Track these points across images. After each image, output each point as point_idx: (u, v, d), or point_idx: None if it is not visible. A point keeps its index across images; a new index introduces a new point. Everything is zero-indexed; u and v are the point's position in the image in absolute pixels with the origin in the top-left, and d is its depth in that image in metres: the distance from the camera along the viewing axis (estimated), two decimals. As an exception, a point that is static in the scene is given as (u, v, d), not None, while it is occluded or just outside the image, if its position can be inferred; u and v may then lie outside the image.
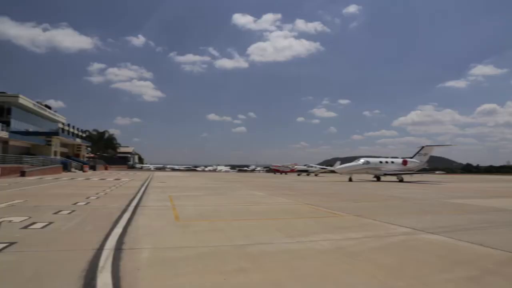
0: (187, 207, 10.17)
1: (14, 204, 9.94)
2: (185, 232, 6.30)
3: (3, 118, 47.13)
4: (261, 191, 17.82)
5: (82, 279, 3.57)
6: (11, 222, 6.91)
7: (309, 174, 60.83)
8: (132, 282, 3.53)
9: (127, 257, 4.47)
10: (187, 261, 4.34)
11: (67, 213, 8.29)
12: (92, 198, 12.20)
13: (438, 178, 47.08)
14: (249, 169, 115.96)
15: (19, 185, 18.79)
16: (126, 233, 6.07)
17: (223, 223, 7.37)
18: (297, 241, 5.60)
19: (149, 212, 9.03)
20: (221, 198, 13.61)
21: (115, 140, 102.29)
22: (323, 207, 10.58)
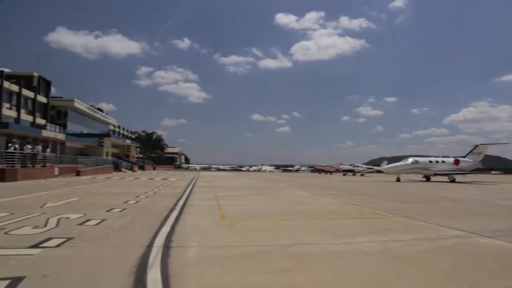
0: (232, 207, 10.31)
1: (71, 202, 10.53)
2: (230, 231, 6.39)
3: (60, 121, 50.19)
4: (305, 191, 17.71)
5: (134, 275, 3.72)
6: (69, 218, 7.34)
7: (355, 174, 59.68)
8: (180, 279, 3.63)
9: (175, 254, 4.60)
10: (233, 260, 4.40)
11: (119, 211, 8.67)
12: (141, 197, 12.68)
13: (494, 179, 44.54)
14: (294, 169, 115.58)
15: (74, 184, 19.90)
16: (174, 231, 6.25)
17: (268, 223, 7.40)
18: (342, 242, 5.52)
19: (195, 211, 9.25)
20: (265, 198, 13.67)
21: (163, 140, 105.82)
22: (369, 208, 10.34)
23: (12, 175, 21.94)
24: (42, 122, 45.67)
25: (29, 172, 24.33)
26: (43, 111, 48.42)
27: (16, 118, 41.10)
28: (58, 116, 52.19)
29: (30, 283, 3.39)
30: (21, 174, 22.86)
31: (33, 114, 45.28)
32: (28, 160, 25.78)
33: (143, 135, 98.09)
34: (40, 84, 47.19)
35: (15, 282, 3.37)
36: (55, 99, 51.97)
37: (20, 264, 4.05)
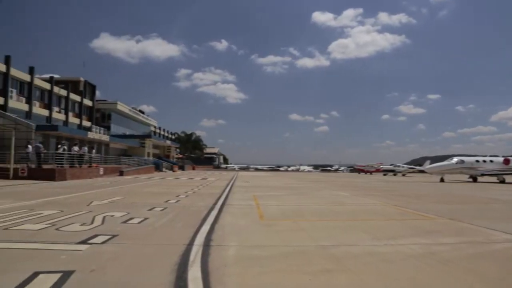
0: (270, 207, 10.32)
1: (115, 201, 10.94)
2: (269, 231, 6.40)
3: (104, 123, 52.36)
4: (345, 191, 17.43)
5: (175, 272, 3.81)
6: (113, 216, 7.62)
7: (395, 174, 58.03)
8: (220, 277, 3.68)
9: (215, 253, 4.67)
10: (272, 260, 4.40)
11: (160, 210, 8.91)
12: (181, 196, 12.96)
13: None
14: (332, 169, 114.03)
15: (118, 184, 20.65)
16: (214, 230, 6.34)
17: (306, 223, 7.35)
18: (384, 244, 5.38)
19: (234, 210, 9.34)
20: (304, 198, 13.58)
21: (202, 141, 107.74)
22: (411, 209, 10.02)
23: (61, 175, 23.11)
24: (88, 124, 47.82)
25: (76, 172, 25.52)
26: (89, 114, 50.69)
27: (64, 120, 43.30)
28: (103, 118, 54.49)
29: (79, 277, 3.55)
30: (69, 173, 24.01)
31: (80, 116, 47.52)
32: (76, 161, 27.05)
33: (183, 136, 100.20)
34: (86, 88, 49.44)
35: (66, 275, 3.56)
36: (100, 102, 54.30)
37: (70, 258, 4.26)
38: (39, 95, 39.72)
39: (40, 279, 3.46)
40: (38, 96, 39.32)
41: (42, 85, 39.77)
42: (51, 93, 40.86)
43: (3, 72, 33.34)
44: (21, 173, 22.93)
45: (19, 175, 22.69)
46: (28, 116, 35.88)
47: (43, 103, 40.10)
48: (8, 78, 33.76)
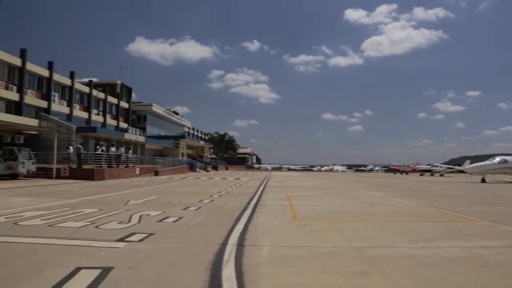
0: (304, 207, 10.25)
1: (151, 200, 11.21)
2: (303, 232, 6.36)
3: (140, 125, 53.80)
4: (380, 191, 17.06)
5: (209, 271, 3.86)
6: (149, 215, 7.82)
7: (433, 174, 56.15)
8: (254, 277, 3.69)
9: (249, 253, 4.68)
10: (306, 260, 4.37)
11: (194, 210, 9.05)
12: (215, 196, 13.11)
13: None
14: (367, 169, 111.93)
15: (153, 183, 21.14)
16: (247, 230, 6.37)
17: (341, 224, 7.24)
18: (421, 246, 5.21)
19: (267, 210, 9.34)
20: (338, 198, 13.41)
21: (235, 141, 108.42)
22: (450, 210, 9.67)
23: (100, 175, 23.95)
24: (124, 125, 49.29)
25: (114, 171, 26.36)
26: (125, 116, 52.24)
27: (102, 122, 44.84)
28: (139, 119, 56.01)
29: (117, 273, 3.67)
30: (107, 173, 24.84)
31: (117, 118, 49.07)
32: (113, 161, 27.94)
33: (216, 136, 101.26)
34: (122, 90, 50.99)
35: (105, 271, 3.69)
36: (136, 104, 55.83)
37: (109, 255, 4.41)
38: (79, 98, 41.36)
39: (82, 274, 3.60)
40: (78, 99, 40.94)
41: (81, 88, 41.40)
42: (90, 96, 42.47)
43: (46, 77, 34.93)
44: (63, 173, 23.97)
45: (61, 175, 23.74)
46: (69, 119, 37.42)
47: (82, 105, 41.74)
48: (51, 83, 35.34)
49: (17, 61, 31.14)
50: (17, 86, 31.19)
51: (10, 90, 30.41)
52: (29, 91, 32.60)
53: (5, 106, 30.36)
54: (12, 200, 10.73)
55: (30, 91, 32.68)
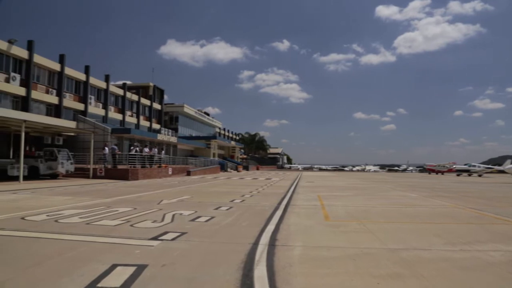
0: (336, 207, 10.13)
1: (183, 200, 11.39)
2: (335, 232, 6.29)
3: (172, 125, 54.86)
4: (414, 192, 16.61)
5: (241, 270, 3.89)
6: (182, 215, 7.95)
7: (471, 175, 54.08)
8: (285, 277, 3.68)
9: (280, 253, 4.68)
10: (338, 261, 4.32)
11: (226, 209, 9.13)
12: (246, 196, 13.18)
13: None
14: (400, 169, 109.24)
15: (186, 183, 21.48)
16: (279, 230, 6.36)
17: (374, 225, 7.10)
18: (459, 249, 5.03)
19: (299, 210, 9.30)
20: (370, 198, 13.16)
21: (265, 141, 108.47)
22: (490, 212, 9.28)
23: (134, 175, 24.58)
24: (157, 126, 50.36)
25: (147, 171, 26.99)
26: (158, 117, 53.38)
27: (136, 124, 46.01)
28: (171, 120, 57.11)
29: (151, 271, 3.76)
30: (141, 173, 25.47)
31: (150, 120, 50.21)
32: (147, 161, 28.62)
33: (247, 136, 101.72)
34: (155, 92, 52.14)
35: (140, 269, 3.80)
36: (168, 105, 56.94)
37: (143, 253, 4.52)
38: (114, 100, 42.62)
39: (118, 271, 3.73)
40: (113, 102, 42.21)
41: (116, 91, 42.66)
42: (124, 98, 43.67)
43: (83, 81, 36.22)
44: (99, 173, 24.78)
45: (97, 175, 24.55)
46: (105, 120, 38.65)
47: (117, 107, 42.98)
48: (87, 86, 36.61)
49: (57, 66, 32.46)
50: (57, 90, 32.51)
51: (50, 94, 31.73)
52: (67, 94, 33.89)
53: (45, 109, 31.73)
54: (52, 198, 11.20)
55: (68, 94, 33.98)
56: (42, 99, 30.87)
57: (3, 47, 26.61)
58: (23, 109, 28.19)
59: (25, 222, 6.77)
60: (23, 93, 28.55)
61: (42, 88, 30.96)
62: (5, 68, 27.32)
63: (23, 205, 9.30)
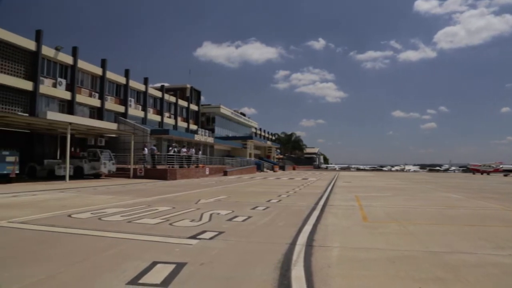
0: (374, 208, 9.91)
1: (220, 199, 11.53)
2: (373, 234, 6.15)
3: (209, 126, 55.72)
4: (457, 193, 15.95)
5: (278, 270, 3.88)
6: (219, 214, 8.05)
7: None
8: (323, 278, 3.64)
9: (318, 253, 4.63)
10: (377, 264, 4.22)
11: (262, 209, 9.15)
12: (283, 196, 13.15)
13: None
14: (442, 169, 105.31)
15: (222, 183, 21.72)
16: (316, 230, 6.30)
17: (414, 227, 6.88)
18: (509, 254, 4.75)
19: (336, 211, 9.17)
20: (410, 199, 12.77)
21: (302, 141, 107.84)
22: (542, 215, 8.76)
23: (172, 174, 25.15)
24: (194, 127, 51.28)
25: (185, 171, 27.53)
26: (195, 118, 54.33)
27: (174, 125, 47.05)
28: (207, 121, 58.02)
29: (190, 269, 3.83)
30: (179, 173, 26.02)
31: (187, 120, 51.20)
32: (184, 161, 29.20)
33: (283, 136, 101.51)
34: (192, 94, 53.13)
35: (179, 267, 3.88)
36: (204, 106, 57.85)
37: (182, 252, 4.61)
38: (153, 102, 43.79)
39: (158, 268, 3.83)
40: (151, 103, 43.37)
41: (154, 93, 43.81)
42: (162, 100, 44.79)
43: (123, 84, 37.47)
44: (139, 172, 25.55)
45: (137, 175, 25.33)
46: (144, 122, 39.79)
47: (156, 109, 44.13)
48: (127, 89, 37.84)
49: (99, 70, 33.77)
50: (99, 93, 33.82)
51: (93, 97, 33.06)
52: (109, 97, 35.16)
53: (89, 111, 33.08)
54: (96, 197, 11.66)
55: (109, 97, 35.25)
56: (86, 102, 32.21)
57: (50, 54, 28.00)
58: (69, 112, 29.53)
59: (72, 220, 7.09)
60: (68, 97, 29.91)
61: (85, 91, 32.31)
62: (52, 74, 28.73)
63: (69, 204, 9.75)
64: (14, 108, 25.13)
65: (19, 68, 25.61)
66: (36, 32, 26.92)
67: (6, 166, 17.45)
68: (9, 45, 24.85)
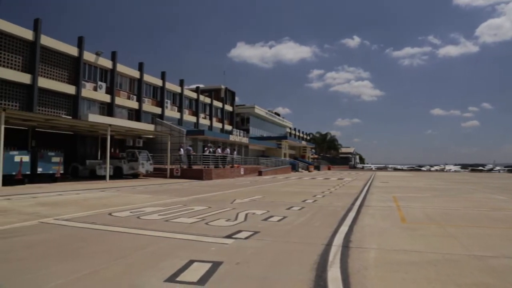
0: (413, 209, 9.63)
1: (255, 199, 11.57)
2: (412, 236, 5.97)
3: (243, 126, 56.09)
4: (503, 194, 15.21)
5: (314, 271, 3.85)
6: (254, 214, 8.09)
7: None
8: (360, 280, 3.57)
9: (354, 255, 4.56)
10: (417, 267, 4.09)
11: (298, 209, 9.11)
12: (318, 196, 13.03)
13: None
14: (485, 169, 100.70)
15: (257, 183, 21.80)
16: (352, 231, 6.21)
17: (456, 229, 6.63)
18: (560, 259, 4.50)
19: (373, 212, 8.99)
20: (451, 200, 12.30)
21: (337, 141, 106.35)
22: None
23: (208, 174, 25.50)
24: (229, 128, 51.80)
25: (220, 171, 27.84)
26: (230, 118, 54.84)
27: (209, 125, 47.71)
28: (242, 121, 58.39)
29: (226, 268, 3.87)
30: (214, 173, 26.35)
31: (222, 121, 51.77)
32: (220, 162, 29.53)
33: (318, 136, 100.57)
34: (226, 95, 53.68)
35: (215, 265, 3.94)
36: (239, 107, 58.25)
37: (218, 251, 4.67)
38: (188, 103, 44.59)
39: (194, 267, 3.89)
40: (187, 105, 44.17)
41: (190, 94, 44.61)
42: (197, 101, 45.54)
43: (160, 86, 38.39)
44: (175, 172, 26.09)
45: (174, 175, 25.87)
46: (180, 123, 40.58)
47: (191, 110, 44.91)
48: (164, 91, 38.73)
49: (136, 73, 34.78)
50: (137, 95, 34.82)
51: (131, 99, 34.07)
52: (146, 99, 36.11)
53: (127, 113, 34.13)
54: (134, 196, 12.02)
55: (146, 99, 36.21)
56: (124, 105, 33.25)
57: (91, 59, 29.13)
58: (108, 114, 30.62)
59: (112, 218, 7.35)
60: (108, 99, 31.00)
61: (124, 94, 33.36)
62: (93, 78, 29.88)
63: (109, 202, 10.10)
64: (58, 111, 26.32)
65: (63, 74, 26.81)
66: (78, 38, 28.08)
67: (52, 167, 18.40)
68: (55, 52, 26.09)
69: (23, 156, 16.59)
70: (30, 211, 8.20)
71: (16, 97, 23.32)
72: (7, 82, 22.69)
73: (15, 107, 23.10)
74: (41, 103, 24.96)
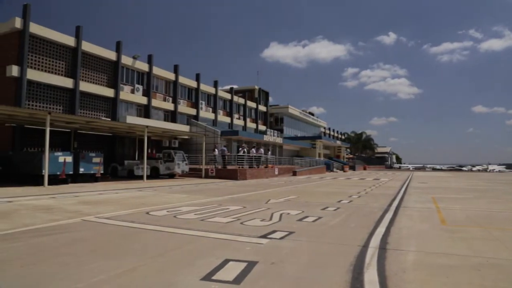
0: (453, 210, 9.29)
1: (290, 199, 11.53)
2: (453, 238, 5.76)
3: (277, 126, 56.04)
4: (552, 196, 14.38)
5: (351, 273, 3.79)
6: (289, 214, 8.06)
7: None
8: (398, 283, 3.49)
9: (392, 257, 4.45)
10: (458, 270, 3.95)
11: (333, 210, 9.00)
12: (354, 196, 12.82)
13: None
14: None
15: (292, 183, 21.71)
16: (389, 233, 6.06)
17: (501, 232, 6.32)
18: None
19: (411, 213, 8.74)
20: (495, 202, 11.75)
21: (372, 140, 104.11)
22: None
23: (242, 174, 25.67)
24: (263, 128, 51.89)
25: (254, 172, 27.94)
26: (264, 119, 54.92)
27: (243, 126, 47.99)
28: (276, 122, 58.33)
29: (261, 268, 3.89)
30: (249, 173, 26.48)
31: (256, 121, 51.92)
32: (254, 162, 29.65)
33: (353, 135, 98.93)
34: (260, 95, 53.79)
35: (250, 265, 3.96)
36: (272, 107, 58.22)
37: (253, 250, 4.69)
38: (222, 104, 45.05)
39: (230, 266, 3.93)
40: (221, 106, 44.64)
41: (224, 95, 45.05)
42: (231, 102, 45.93)
43: (194, 88, 39.03)
44: (210, 172, 26.43)
45: (209, 175, 26.23)
46: (214, 124, 41.07)
47: (225, 111, 45.35)
48: (198, 92, 39.35)
49: (172, 76, 35.52)
50: (172, 97, 35.56)
51: (167, 101, 34.82)
52: (181, 101, 36.79)
53: (163, 115, 34.93)
54: (171, 196, 12.28)
55: (182, 101, 36.88)
56: (160, 106, 34.03)
57: (128, 63, 30.03)
58: (145, 116, 31.44)
59: (150, 217, 7.55)
60: (145, 101, 31.82)
61: (160, 96, 34.14)
62: (131, 81, 30.78)
63: (147, 201, 10.38)
64: (98, 113, 27.32)
65: (102, 77, 27.80)
66: (116, 43, 29.02)
67: (92, 167, 19.16)
68: (95, 57, 27.09)
69: (66, 157, 17.35)
70: (73, 209, 8.56)
71: (59, 101, 24.40)
72: (52, 87, 23.79)
73: (59, 110, 24.17)
74: (82, 106, 25.97)
